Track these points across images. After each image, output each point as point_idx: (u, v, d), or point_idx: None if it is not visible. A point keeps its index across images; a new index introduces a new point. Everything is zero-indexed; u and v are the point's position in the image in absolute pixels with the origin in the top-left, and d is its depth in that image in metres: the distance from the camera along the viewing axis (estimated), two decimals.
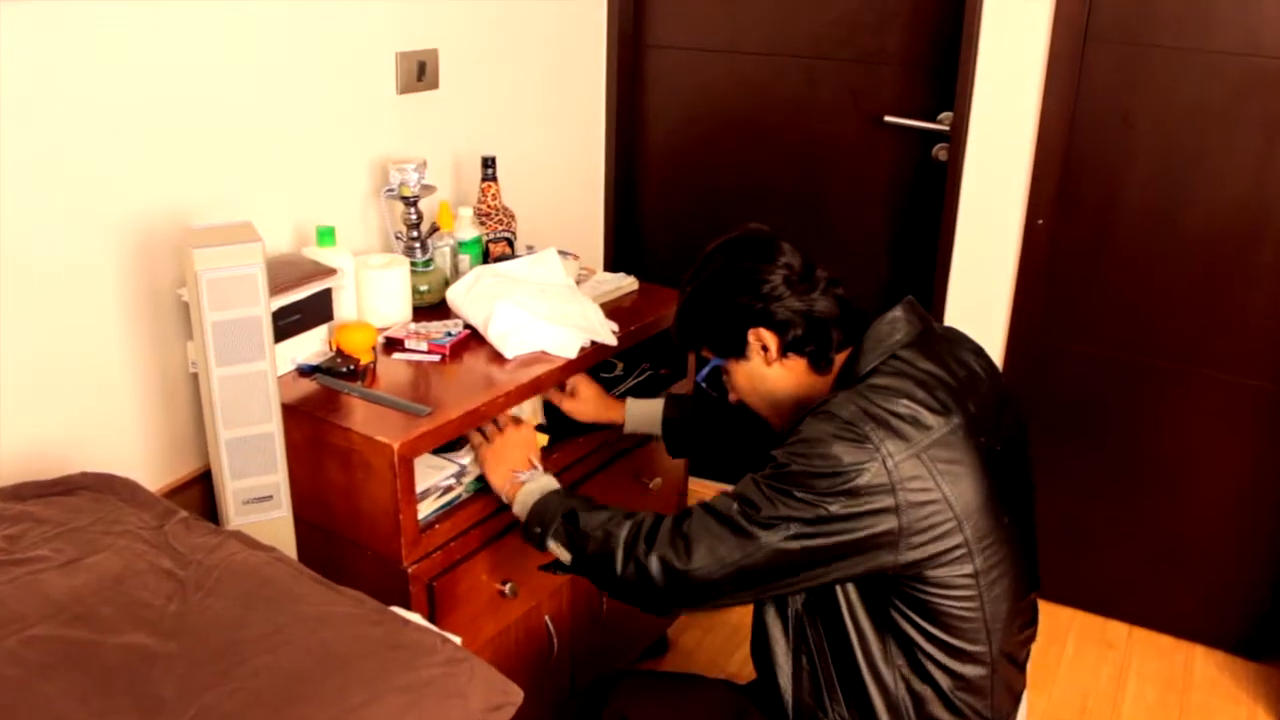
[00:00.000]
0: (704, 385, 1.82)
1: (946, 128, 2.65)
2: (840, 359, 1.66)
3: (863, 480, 1.45)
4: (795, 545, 1.48)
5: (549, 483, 1.81)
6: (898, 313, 1.65)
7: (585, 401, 2.14)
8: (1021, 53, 2.46)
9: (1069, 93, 2.45)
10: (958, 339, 1.72)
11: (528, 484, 1.81)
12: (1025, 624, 1.67)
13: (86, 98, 1.76)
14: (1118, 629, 2.80)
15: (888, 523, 1.46)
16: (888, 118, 2.74)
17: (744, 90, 2.93)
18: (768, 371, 1.69)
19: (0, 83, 1.64)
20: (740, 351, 1.70)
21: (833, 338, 1.65)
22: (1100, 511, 2.72)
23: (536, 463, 1.87)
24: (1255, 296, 2.42)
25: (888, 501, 1.46)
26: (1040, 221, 2.55)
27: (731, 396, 1.79)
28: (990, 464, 1.55)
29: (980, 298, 2.67)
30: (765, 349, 1.67)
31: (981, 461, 1.53)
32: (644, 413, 2.13)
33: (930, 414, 1.51)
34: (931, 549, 1.48)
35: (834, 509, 1.46)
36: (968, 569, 1.50)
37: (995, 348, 2.67)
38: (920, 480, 1.47)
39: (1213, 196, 2.40)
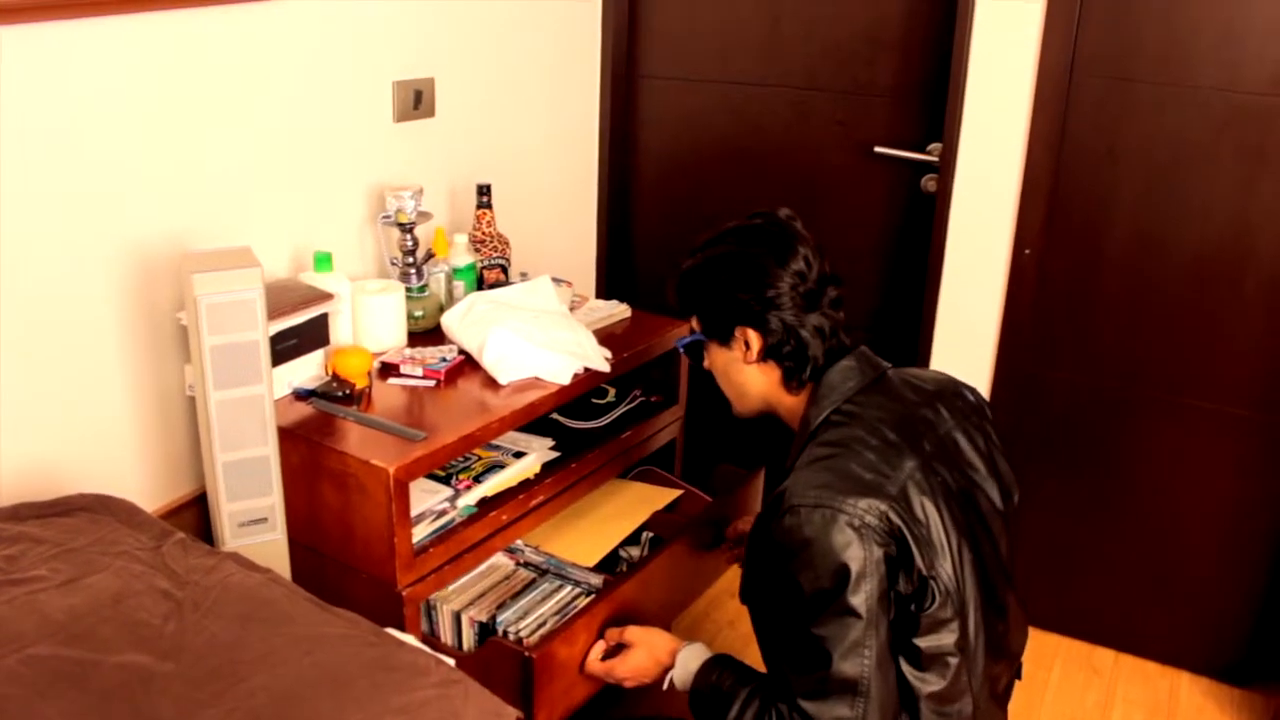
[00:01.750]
0: (682, 351, 1.83)
1: (935, 158, 2.68)
2: (809, 389, 1.69)
3: (854, 559, 1.47)
4: (874, 641, 1.49)
5: (685, 679, 1.76)
6: (849, 362, 1.67)
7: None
8: (1009, 86, 2.50)
9: (1055, 125, 2.49)
10: (913, 379, 1.73)
11: (676, 678, 1.78)
12: (1000, 658, 1.68)
13: (88, 125, 1.79)
14: (1104, 655, 2.81)
15: (883, 558, 1.49)
16: (878, 148, 2.78)
17: (736, 120, 2.96)
18: (745, 367, 1.71)
19: (2, 111, 1.67)
20: (725, 339, 1.71)
21: (812, 362, 1.66)
22: (1086, 538, 2.75)
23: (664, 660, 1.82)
24: (1239, 326, 2.46)
25: (878, 552, 1.48)
26: (1027, 251, 2.59)
27: (705, 365, 1.81)
28: (951, 505, 1.57)
29: (968, 326, 2.70)
30: (748, 346, 1.68)
31: (941, 501, 1.55)
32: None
33: (885, 464, 1.54)
34: (924, 573, 1.50)
35: (859, 600, 1.47)
36: (948, 612, 1.52)
37: (983, 375, 2.70)
38: (892, 519, 1.50)
39: (1196, 228, 2.44)
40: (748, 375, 1.72)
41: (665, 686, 1.82)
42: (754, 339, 1.67)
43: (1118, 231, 2.52)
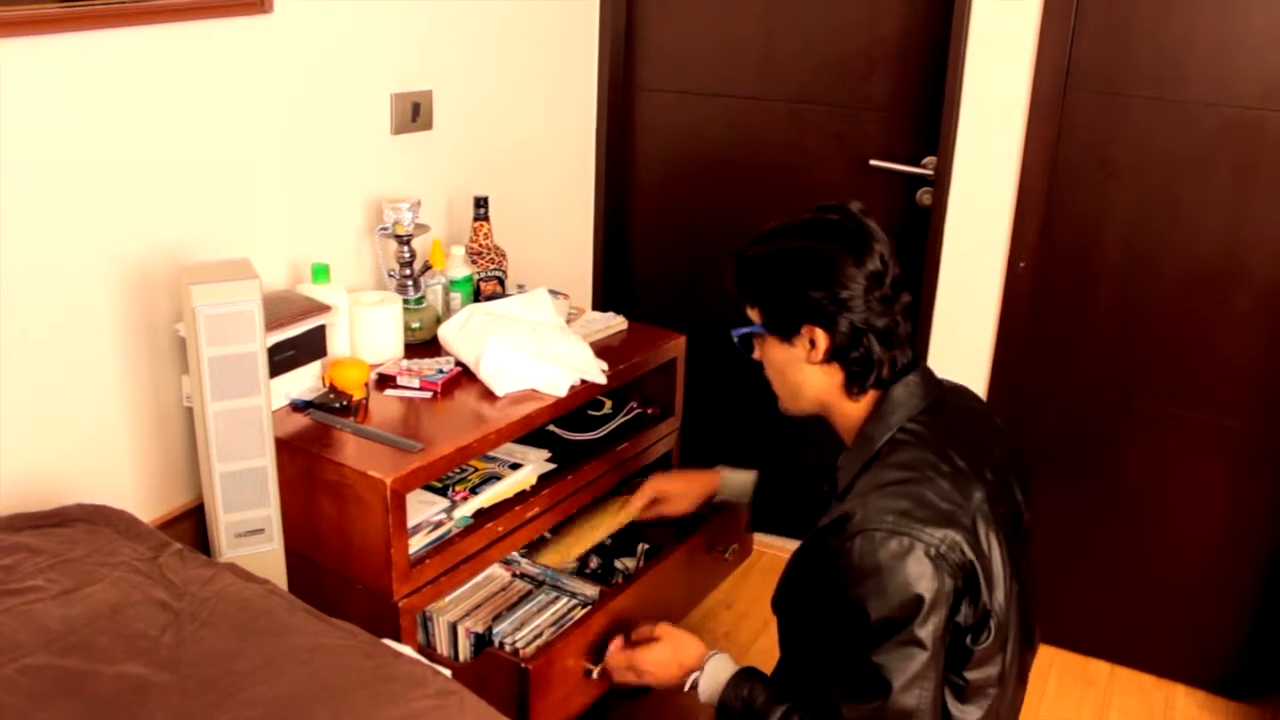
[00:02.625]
0: (736, 340, 1.74)
1: (930, 172, 2.70)
2: (869, 398, 1.64)
3: (928, 590, 1.45)
4: (933, 674, 1.48)
5: (712, 690, 1.75)
6: (914, 378, 1.63)
7: (679, 498, 2.11)
8: (1004, 100, 2.52)
9: (1050, 139, 2.50)
10: (965, 401, 1.72)
11: (702, 686, 1.77)
12: (1024, 684, 1.69)
13: (87, 136, 1.80)
14: (1099, 667, 2.82)
15: (952, 591, 1.48)
16: (873, 161, 2.79)
17: (732, 133, 2.98)
18: (805, 366, 1.64)
19: (2, 123, 1.67)
20: (789, 335, 1.63)
21: (878, 369, 1.61)
22: (1081, 550, 2.75)
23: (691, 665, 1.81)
24: (1232, 339, 2.47)
25: (949, 584, 1.46)
26: (1022, 264, 2.60)
27: (755, 356, 1.73)
28: (1008, 537, 1.56)
29: (963, 338, 2.71)
30: (813, 345, 1.61)
31: (1001, 533, 1.54)
32: (738, 484, 2.13)
33: (958, 493, 1.51)
34: (987, 607, 1.50)
35: (926, 632, 1.46)
36: (997, 645, 1.53)
37: (978, 388, 2.70)
38: (965, 550, 1.48)
39: (1190, 241, 2.45)
40: (807, 375, 1.65)
41: (686, 689, 1.79)
42: (821, 339, 1.60)
43: (1111, 244, 2.53)
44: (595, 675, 1.92)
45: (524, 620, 2.02)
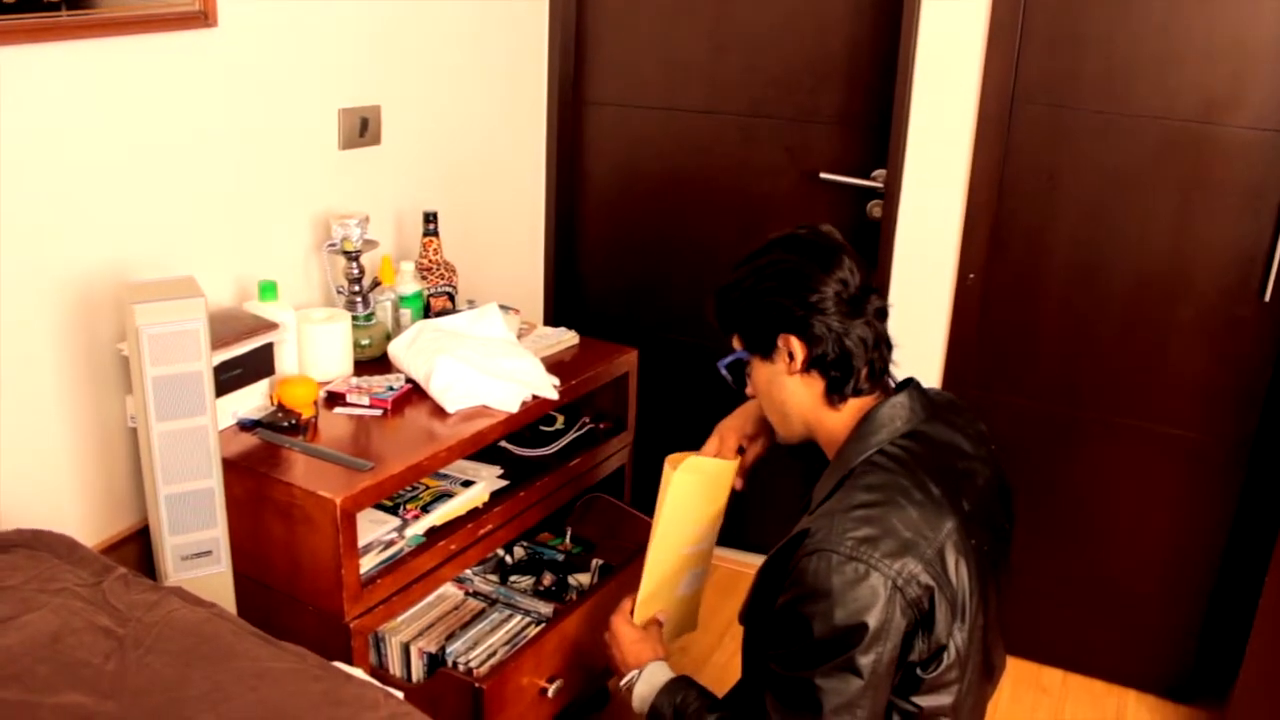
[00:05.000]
0: (724, 372, 1.76)
1: (880, 185, 2.71)
2: (854, 406, 1.64)
3: (875, 619, 1.44)
4: (868, 704, 1.47)
5: (646, 693, 1.76)
6: (902, 399, 1.63)
7: (757, 430, 1.97)
8: (952, 113, 2.54)
9: (998, 152, 2.53)
10: (961, 421, 1.71)
11: (636, 688, 1.78)
12: (981, 715, 1.69)
13: (25, 151, 1.76)
14: (1052, 675, 2.84)
15: (905, 625, 1.47)
16: (823, 174, 2.80)
17: (682, 147, 2.98)
18: (787, 380, 1.65)
19: None
20: (768, 351, 1.65)
21: (857, 374, 1.62)
22: (1033, 559, 2.77)
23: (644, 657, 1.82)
24: (1177, 349, 2.50)
25: (901, 621, 1.46)
26: (971, 277, 2.62)
27: (748, 390, 1.75)
28: (981, 568, 1.56)
29: (914, 351, 2.71)
30: (791, 357, 1.62)
31: (972, 563, 1.53)
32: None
33: (925, 523, 1.50)
34: (941, 641, 1.50)
35: (866, 661, 1.45)
36: (954, 675, 1.52)
37: None
38: (925, 582, 1.47)
39: (1135, 253, 2.48)
40: (790, 390, 1.66)
41: (623, 685, 1.80)
42: (798, 347, 1.61)
43: (1059, 256, 2.55)
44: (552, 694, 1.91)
45: (477, 639, 2.00)
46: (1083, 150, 2.47)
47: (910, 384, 1.67)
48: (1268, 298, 2.38)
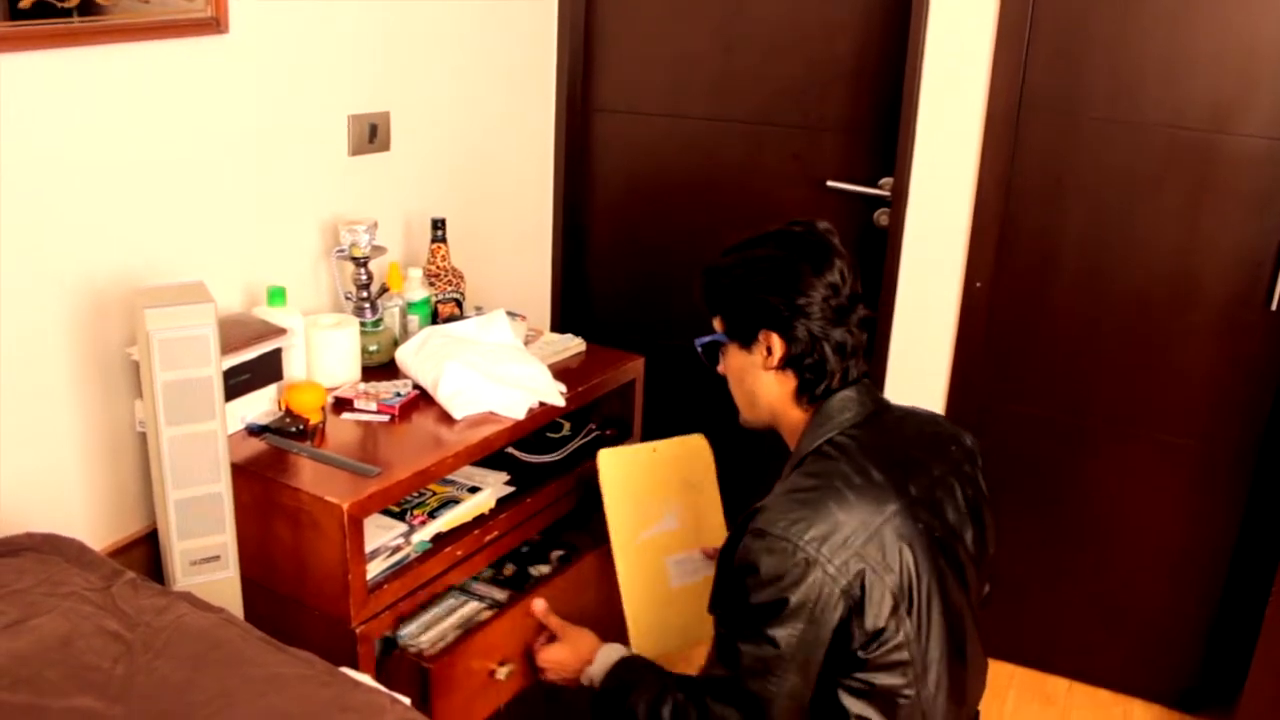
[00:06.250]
0: (699, 350, 1.81)
1: (887, 193, 2.71)
2: (811, 409, 1.69)
3: (794, 595, 1.50)
4: (785, 674, 1.53)
5: (600, 674, 1.84)
6: (850, 393, 1.67)
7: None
8: (959, 120, 2.54)
9: (1005, 159, 2.53)
10: (916, 424, 1.75)
11: (594, 677, 1.85)
12: (961, 704, 1.69)
13: (39, 157, 1.77)
14: (1057, 684, 2.84)
15: (840, 611, 1.51)
16: (830, 182, 2.81)
17: (690, 154, 2.98)
18: (762, 373, 1.70)
19: None
20: (748, 342, 1.70)
21: (830, 377, 1.66)
22: (1039, 568, 2.77)
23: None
24: (1185, 358, 2.50)
25: (831, 615, 1.51)
26: (978, 284, 2.62)
27: (719, 369, 1.79)
28: (929, 552, 1.58)
29: (921, 359, 2.73)
30: (770, 352, 1.67)
31: (918, 547, 1.56)
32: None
33: (863, 507, 1.54)
34: (879, 624, 1.52)
35: (781, 633, 1.51)
36: (904, 655, 1.54)
37: (936, 409, 2.72)
38: (855, 567, 1.51)
39: (1142, 261, 2.48)
40: (762, 382, 1.71)
41: (586, 682, 1.85)
42: (777, 345, 1.66)
43: (1066, 264, 2.56)
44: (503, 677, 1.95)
45: (430, 623, 2.02)
46: (1090, 158, 2.47)
47: (861, 379, 1.71)
48: (1275, 305, 2.38)
